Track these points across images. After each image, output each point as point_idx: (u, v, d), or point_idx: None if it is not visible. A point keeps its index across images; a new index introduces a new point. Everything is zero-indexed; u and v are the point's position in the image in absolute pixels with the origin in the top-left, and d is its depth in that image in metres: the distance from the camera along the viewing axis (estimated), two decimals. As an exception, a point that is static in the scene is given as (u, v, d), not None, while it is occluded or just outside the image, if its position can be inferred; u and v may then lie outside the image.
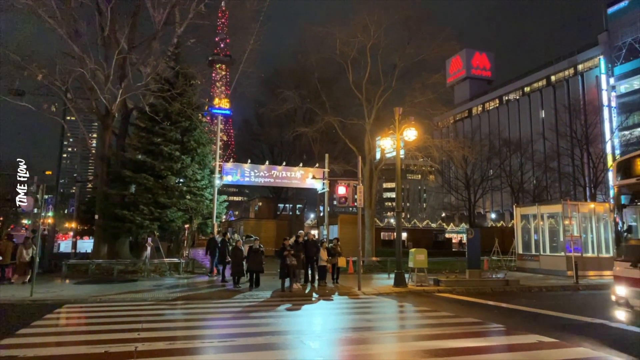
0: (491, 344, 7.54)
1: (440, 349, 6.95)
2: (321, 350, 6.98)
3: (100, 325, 8.65)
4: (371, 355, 6.97)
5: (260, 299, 12.58)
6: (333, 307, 11.71)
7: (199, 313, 10.43)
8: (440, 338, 7.78)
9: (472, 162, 50.59)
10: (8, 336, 7.48)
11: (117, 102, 19.65)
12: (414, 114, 21.46)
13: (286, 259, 13.84)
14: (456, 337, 7.85)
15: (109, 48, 20.07)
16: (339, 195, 16.26)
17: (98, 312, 10.20)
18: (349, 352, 7.04)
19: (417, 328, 8.78)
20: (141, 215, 18.98)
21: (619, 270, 7.62)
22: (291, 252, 13.86)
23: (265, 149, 48.49)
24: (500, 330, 8.60)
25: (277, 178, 21.81)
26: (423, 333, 8.34)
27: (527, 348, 7.13)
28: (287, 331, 8.37)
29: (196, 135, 22.15)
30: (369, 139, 26.15)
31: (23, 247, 15.63)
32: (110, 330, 8.05)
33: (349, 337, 8.02)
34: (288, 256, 13.81)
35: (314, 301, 12.50)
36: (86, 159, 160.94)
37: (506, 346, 7.42)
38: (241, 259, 14.77)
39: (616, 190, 8.02)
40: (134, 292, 13.30)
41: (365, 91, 25.95)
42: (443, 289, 15.56)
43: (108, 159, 21.47)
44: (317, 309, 11.26)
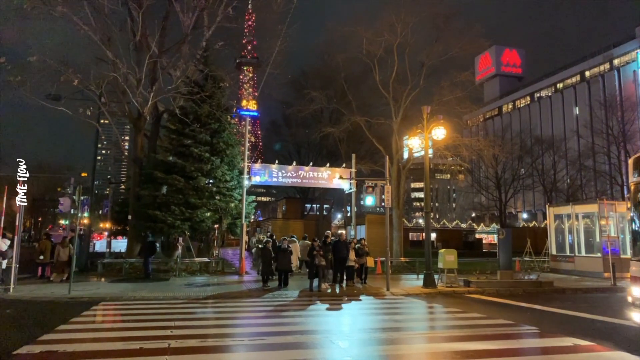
0: (524, 346, 7.37)
1: (471, 351, 6.85)
2: (350, 350, 6.99)
3: (134, 322, 8.91)
4: (401, 356, 6.92)
5: (289, 298, 12.67)
6: (361, 307, 11.69)
7: (229, 311, 10.59)
8: (471, 339, 7.66)
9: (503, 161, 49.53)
10: (48, 332, 7.79)
11: (149, 105, 20.18)
12: (442, 113, 21.23)
13: (315, 259, 13.86)
14: (488, 339, 7.70)
15: (141, 52, 20.64)
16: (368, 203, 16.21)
17: (132, 310, 10.50)
18: (378, 352, 7.01)
19: (447, 329, 8.66)
20: (172, 216, 19.41)
21: (635, 270, 7.31)
22: (320, 252, 13.83)
23: (293, 149, 48.80)
24: (534, 332, 8.38)
25: (304, 178, 21.90)
26: (453, 334, 8.22)
27: (562, 351, 6.93)
28: (316, 330, 8.41)
29: (225, 137, 22.49)
30: (397, 139, 25.94)
31: (60, 246, 16.22)
32: (144, 327, 8.28)
33: (378, 337, 7.99)
34: (317, 256, 13.81)
35: (342, 301, 12.49)
36: (119, 161, 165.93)
37: (540, 349, 7.24)
38: (270, 259, 14.80)
39: (632, 188, 7.69)
40: (167, 291, 13.61)
41: (393, 90, 25.76)
42: (473, 290, 15.29)
43: (140, 161, 22.06)
44: (346, 308, 11.25)
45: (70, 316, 9.32)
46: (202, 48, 22.64)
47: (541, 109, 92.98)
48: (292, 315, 10.22)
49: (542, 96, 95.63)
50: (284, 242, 14.83)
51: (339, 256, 14.83)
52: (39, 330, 7.94)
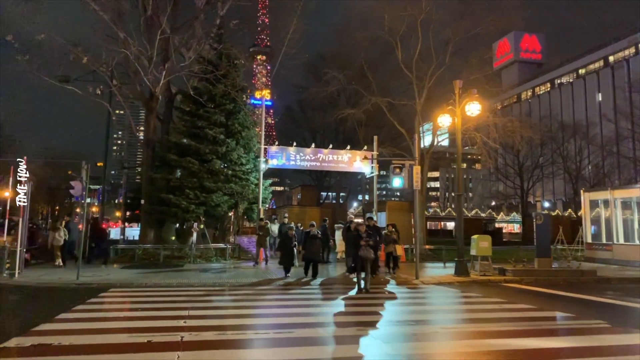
0: (604, 344, 6.17)
1: (546, 349, 5.71)
2: (389, 345, 5.92)
3: (144, 311, 7.98)
4: (458, 354, 5.84)
5: (314, 287, 11.66)
6: (394, 297, 10.61)
7: (249, 300, 9.61)
8: (532, 335, 6.53)
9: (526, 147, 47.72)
10: (47, 321, 6.88)
11: (161, 84, 19.19)
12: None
13: (361, 250, 10.85)
14: (554, 335, 6.59)
15: (152, 30, 19.61)
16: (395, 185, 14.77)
17: (143, 297, 9.59)
18: (422, 348, 5.95)
19: (498, 323, 7.52)
20: (187, 200, 18.51)
21: None
22: (369, 242, 10.87)
23: (308, 136, 47.63)
24: (604, 327, 7.19)
25: (323, 162, 20.80)
26: (510, 328, 7.07)
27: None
28: (348, 322, 7.39)
29: (240, 118, 21.45)
30: (420, 120, 24.68)
31: (52, 231, 15.48)
32: (154, 317, 7.35)
33: (422, 331, 6.92)
34: (365, 247, 10.82)
35: (372, 291, 11.41)
36: (131, 145, 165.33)
37: (625, 348, 6.02)
38: (291, 247, 13.34)
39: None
40: (180, 277, 12.73)
41: (416, 69, 24.45)
42: (510, 279, 14.13)
43: (153, 143, 21.20)
44: (378, 299, 10.17)
45: (75, 303, 8.43)
46: (216, 25, 21.58)
47: (562, 95, 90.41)
48: (319, 305, 9.21)
49: (564, 82, 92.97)
50: (312, 229, 13.29)
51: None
52: (37, 318, 7.03)
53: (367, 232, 11.24)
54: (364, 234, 11.18)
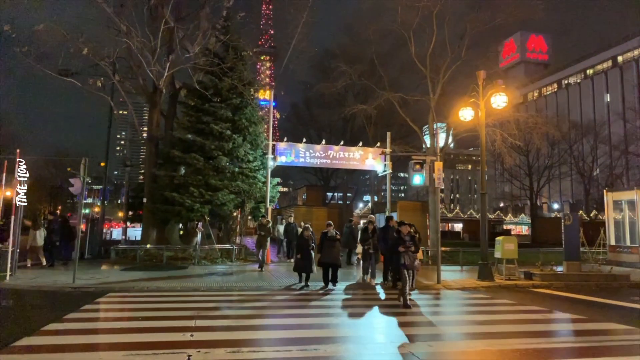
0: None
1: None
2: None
3: (145, 320, 7.01)
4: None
5: (336, 296, 10.57)
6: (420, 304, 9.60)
7: (262, 308, 8.62)
8: (617, 354, 5.50)
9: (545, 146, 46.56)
10: (31, 333, 5.92)
11: (165, 77, 18.28)
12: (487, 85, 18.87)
13: (402, 257, 8.94)
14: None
15: (156, 20, 18.73)
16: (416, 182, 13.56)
17: (144, 304, 8.61)
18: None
19: (560, 338, 6.49)
20: (191, 198, 17.55)
21: None
22: (410, 248, 8.97)
23: (314, 135, 46.62)
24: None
25: (333, 159, 19.80)
26: (579, 345, 6.04)
27: None
28: (378, 336, 6.41)
29: (247, 113, 20.47)
30: (434, 117, 23.63)
31: (33, 229, 14.34)
32: (156, 329, 6.38)
33: (466, 347, 5.93)
34: (406, 253, 8.94)
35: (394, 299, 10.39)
36: (134, 143, 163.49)
37: None
38: (309, 251, 11.37)
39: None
40: (185, 280, 11.78)
41: (430, 63, 23.44)
42: (538, 283, 13.13)
43: (156, 139, 20.28)
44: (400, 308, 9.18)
45: (67, 311, 7.47)
46: (222, 17, 20.67)
47: (569, 96, 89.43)
48: (345, 316, 8.19)
49: (571, 83, 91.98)
50: (329, 227, 11.57)
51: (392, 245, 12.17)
52: (21, 331, 6.08)
53: (411, 235, 9.16)
54: (407, 236, 9.07)
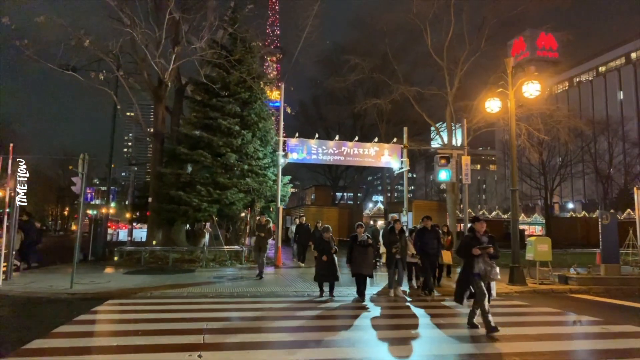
0: None
1: None
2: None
3: (146, 336, 6.03)
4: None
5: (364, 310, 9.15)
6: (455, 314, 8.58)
7: (279, 319, 7.63)
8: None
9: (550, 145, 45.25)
10: (10, 354, 4.97)
11: (170, 70, 17.38)
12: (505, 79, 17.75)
13: (476, 263, 6.56)
14: None
15: (160, 11, 17.90)
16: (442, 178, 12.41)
17: (145, 313, 7.67)
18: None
19: None
20: (198, 197, 16.64)
21: None
22: (489, 249, 6.59)
23: (322, 133, 45.68)
24: None
25: (347, 155, 18.77)
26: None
27: None
28: (417, 354, 5.41)
29: (257, 108, 19.54)
30: (451, 111, 22.61)
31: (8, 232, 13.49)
32: (158, 347, 5.42)
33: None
34: (483, 257, 6.57)
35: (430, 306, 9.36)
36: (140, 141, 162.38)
37: None
38: (331, 256, 9.57)
39: None
40: (192, 285, 10.84)
41: (447, 56, 22.43)
42: (576, 288, 12.04)
43: (162, 135, 19.44)
44: (442, 316, 8.17)
45: (57, 323, 6.55)
46: (230, 8, 19.78)
47: (581, 93, 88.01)
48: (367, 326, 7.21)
49: (583, 80, 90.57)
50: (359, 230, 9.66)
51: (428, 250, 10.29)
52: (1, 347, 5.15)
53: (488, 235, 6.79)
54: (484, 236, 6.71)
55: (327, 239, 9.74)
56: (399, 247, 10.04)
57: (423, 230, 10.44)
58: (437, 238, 10.52)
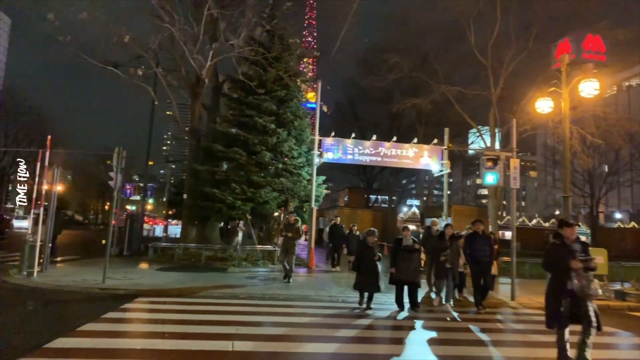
0: None
1: None
2: None
3: (171, 339, 5.70)
4: None
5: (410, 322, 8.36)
6: (514, 329, 7.89)
7: (313, 326, 7.16)
8: None
9: (598, 151, 42.96)
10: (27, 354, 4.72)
11: (207, 66, 17.33)
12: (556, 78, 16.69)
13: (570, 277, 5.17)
14: None
15: (199, 7, 17.89)
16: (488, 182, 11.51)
17: (174, 314, 7.39)
18: None
19: None
20: (232, 195, 16.44)
21: None
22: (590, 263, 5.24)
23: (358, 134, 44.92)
24: None
25: (384, 156, 18.17)
26: None
27: None
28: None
29: (293, 107, 19.22)
30: (495, 113, 21.61)
31: None
32: (185, 353, 5.06)
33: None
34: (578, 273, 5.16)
35: (481, 319, 8.60)
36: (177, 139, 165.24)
37: None
38: (374, 263, 8.44)
39: None
40: (224, 284, 10.54)
41: (491, 55, 21.45)
42: (635, 305, 11.02)
43: (198, 133, 19.44)
44: (496, 331, 7.50)
45: (85, 319, 6.33)
46: (268, 5, 19.59)
47: (630, 98, 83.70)
48: (413, 342, 6.66)
49: (633, 85, 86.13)
50: (405, 233, 8.74)
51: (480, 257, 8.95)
52: (20, 348, 4.93)
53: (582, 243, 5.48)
54: (576, 243, 5.39)
55: (371, 243, 8.68)
56: (449, 254, 9.05)
57: (474, 235, 9.21)
58: (490, 244, 9.26)
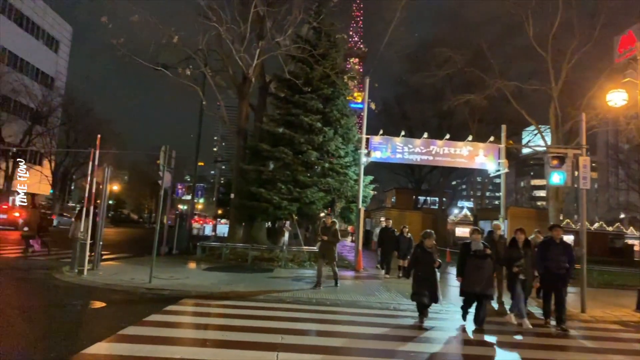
0: None
1: None
2: None
3: (215, 347, 5.38)
4: None
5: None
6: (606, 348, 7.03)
7: (368, 336, 6.62)
8: None
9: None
10: (68, 356, 4.52)
11: (254, 65, 17.21)
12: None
13: None
14: None
15: (246, 6, 17.83)
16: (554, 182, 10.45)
17: (218, 318, 7.14)
18: None
19: None
20: (279, 194, 16.21)
21: None
22: None
23: (406, 133, 43.79)
24: None
25: (436, 155, 17.31)
26: None
27: None
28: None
29: (339, 105, 18.78)
30: (556, 108, 20.17)
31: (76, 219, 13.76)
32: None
33: None
34: None
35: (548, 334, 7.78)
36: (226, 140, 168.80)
37: None
38: (433, 271, 7.45)
39: None
40: (269, 287, 10.23)
41: (552, 47, 20.04)
42: None
43: (245, 132, 19.42)
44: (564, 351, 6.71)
45: (126, 322, 6.15)
46: (315, 2, 19.25)
47: None
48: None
49: None
50: (475, 236, 7.62)
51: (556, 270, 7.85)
52: (62, 350, 4.75)
53: None
54: None
55: (429, 248, 7.56)
56: (523, 265, 7.78)
57: (549, 242, 8.10)
58: (570, 254, 7.93)
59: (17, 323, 6.08)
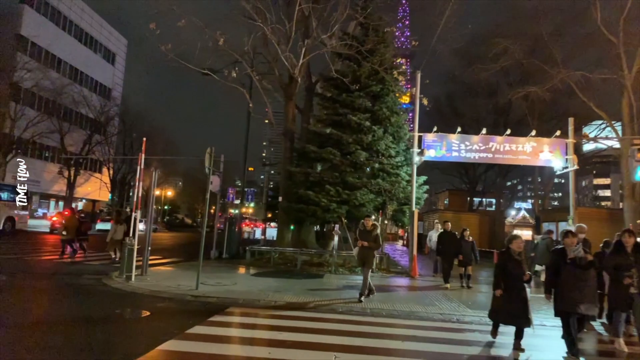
0: None
1: None
2: None
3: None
4: None
5: None
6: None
7: (435, 356, 5.86)
8: None
9: None
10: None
11: (300, 65, 16.75)
12: None
13: None
14: None
15: (290, 5, 17.48)
16: None
17: (264, 331, 6.62)
18: None
19: None
20: (327, 197, 15.63)
21: None
22: None
23: (460, 131, 41.98)
24: None
25: (496, 152, 16.05)
26: None
27: None
28: None
29: (389, 102, 17.94)
30: (630, 98, 18.26)
31: (115, 223, 14.26)
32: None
33: None
34: None
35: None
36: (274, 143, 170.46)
37: None
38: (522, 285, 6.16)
39: None
40: (319, 295, 9.62)
41: (623, 31, 18.18)
42: None
43: (292, 133, 19.02)
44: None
45: (168, 334, 5.73)
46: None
47: None
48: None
49: None
50: (569, 240, 6.08)
51: None
52: None
53: None
54: None
55: (516, 254, 6.17)
56: (635, 275, 6.34)
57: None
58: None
59: (53, 335, 5.82)
